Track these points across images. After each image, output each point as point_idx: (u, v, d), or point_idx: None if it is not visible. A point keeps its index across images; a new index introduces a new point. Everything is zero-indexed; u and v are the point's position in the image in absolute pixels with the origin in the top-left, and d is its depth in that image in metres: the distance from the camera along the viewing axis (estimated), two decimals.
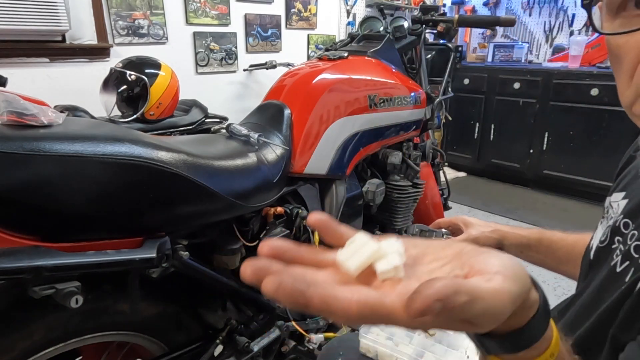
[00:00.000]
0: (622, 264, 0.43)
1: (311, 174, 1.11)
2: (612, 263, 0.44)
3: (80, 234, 0.69)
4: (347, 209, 1.22)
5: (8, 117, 0.61)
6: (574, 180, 3.17)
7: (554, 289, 2.02)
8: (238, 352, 0.98)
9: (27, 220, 0.63)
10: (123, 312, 0.80)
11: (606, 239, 0.48)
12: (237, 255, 0.96)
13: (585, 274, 0.52)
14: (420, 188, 1.48)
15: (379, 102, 1.25)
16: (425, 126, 1.56)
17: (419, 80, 1.59)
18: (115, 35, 2.24)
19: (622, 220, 0.47)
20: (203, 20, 2.59)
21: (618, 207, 0.50)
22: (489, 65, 3.72)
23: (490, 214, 2.99)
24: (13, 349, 0.70)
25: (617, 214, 0.49)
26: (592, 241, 0.53)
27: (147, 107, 1.88)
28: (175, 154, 0.76)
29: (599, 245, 0.50)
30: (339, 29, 3.45)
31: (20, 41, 1.93)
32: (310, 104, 1.11)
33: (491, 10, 3.98)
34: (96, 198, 0.66)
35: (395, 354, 0.70)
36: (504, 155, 3.55)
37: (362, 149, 1.25)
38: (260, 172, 0.96)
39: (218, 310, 1.04)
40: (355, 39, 1.55)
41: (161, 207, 0.75)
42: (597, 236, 0.52)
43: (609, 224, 0.49)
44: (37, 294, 0.62)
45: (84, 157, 0.64)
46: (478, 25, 1.69)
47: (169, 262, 0.76)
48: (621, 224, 0.46)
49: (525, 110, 3.32)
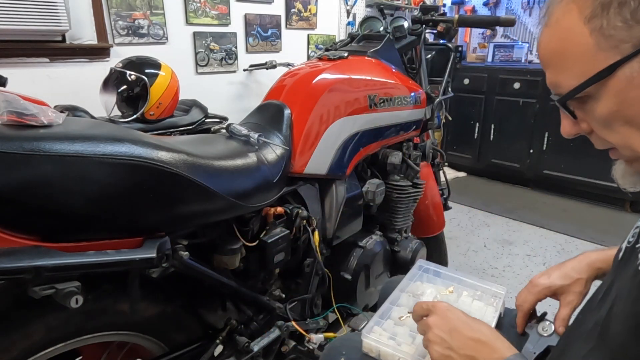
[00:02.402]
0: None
1: (311, 174, 1.11)
2: (637, 262, 0.45)
3: (80, 234, 0.69)
4: (347, 209, 1.22)
5: (8, 117, 0.61)
6: (574, 180, 3.17)
7: None
8: (238, 352, 0.98)
9: (27, 220, 0.63)
10: (123, 312, 0.80)
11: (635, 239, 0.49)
12: (237, 255, 0.96)
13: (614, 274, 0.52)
14: (420, 188, 1.48)
15: (379, 102, 1.25)
16: (425, 126, 1.56)
17: (419, 80, 1.59)
18: (115, 35, 2.24)
19: None
20: (203, 20, 2.59)
21: None
22: (489, 65, 3.72)
23: (490, 213, 2.99)
24: (13, 349, 0.69)
25: None
26: (624, 243, 0.53)
27: (147, 107, 1.88)
28: (175, 154, 0.76)
29: (627, 245, 0.51)
30: (339, 29, 3.45)
31: (20, 41, 1.93)
32: (310, 104, 1.11)
33: (491, 10, 3.98)
34: (96, 198, 0.66)
35: (398, 353, 0.70)
36: (504, 155, 3.54)
37: (362, 149, 1.25)
38: (260, 172, 0.96)
39: (218, 310, 1.04)
40: (355, 39, 1.55)
41: (161, 207, 0.75)
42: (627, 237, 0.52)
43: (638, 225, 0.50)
44: (37, 294, 0.62)
45: (84, 157, 0.64)
46: (478, 25, 1.69)
47: (169, 262, 0.76)
48: None
49: (525, 110, 3.32)
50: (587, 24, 0.43)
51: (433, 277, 0.92)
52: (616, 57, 0.42)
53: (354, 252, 1.32)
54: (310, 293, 1.19)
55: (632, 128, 0.45)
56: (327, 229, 1.20)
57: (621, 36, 0.41)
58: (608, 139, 0.48)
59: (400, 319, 0.78)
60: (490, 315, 0.79)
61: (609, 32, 0.42)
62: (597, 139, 0.50)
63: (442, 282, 0.90)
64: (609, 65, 0.43)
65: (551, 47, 0.48)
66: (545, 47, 0.49)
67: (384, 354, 0.72)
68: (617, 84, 0.43)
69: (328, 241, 1.22)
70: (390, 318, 0.79)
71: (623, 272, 0.48)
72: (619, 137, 0.46)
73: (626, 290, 0.44)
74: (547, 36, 0.48)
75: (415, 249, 1.52)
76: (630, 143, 0.46)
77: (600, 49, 0.43)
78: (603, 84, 0.44)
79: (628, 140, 0.46)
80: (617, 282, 0.49)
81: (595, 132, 0.49)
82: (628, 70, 0.42)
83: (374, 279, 1.38)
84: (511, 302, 0.80)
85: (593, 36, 0.43)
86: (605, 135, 0.48)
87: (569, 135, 0.53)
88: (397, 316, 0.79)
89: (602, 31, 0.42)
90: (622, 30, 0.41)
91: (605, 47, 0.42)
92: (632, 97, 0.43)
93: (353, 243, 1.33)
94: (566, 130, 0.53)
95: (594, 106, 0.46)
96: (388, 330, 0.75)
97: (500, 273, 2.21)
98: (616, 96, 0.44)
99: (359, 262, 1.30)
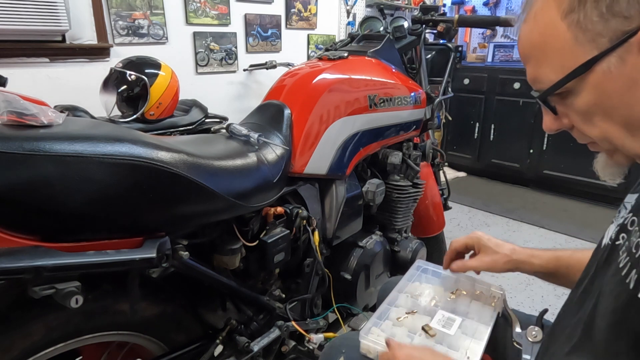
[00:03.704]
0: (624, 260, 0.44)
1: (311, 174, 1.11)
2: (618, 260, 0.45)
3: (81, 234, 0.69)
4: (347, 209, 1.22)
5: (8, 117, 0.61)
6: (574, 180, 3.17)
7: (554, 289, 2.02)
8: (238, 352, 0.98)
9: (27, 220, 0.63)
10: (123, 312, 0.80)
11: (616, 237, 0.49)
12: (237, 255, 0.96)
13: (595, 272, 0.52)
14: (420, 188, 1.48)
15: (379, 102, 1.25)
16: (425, 126, 1.56)
17: (419, 80, 1.59)
18: (115, 35, 2.24)
19: (630, 217, 0.48)
20: (203, 20, 2.59)
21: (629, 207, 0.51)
22: (489, 65, 3.72)
23: (490, 213, 2.98)
24: (13, 349, 0.70)
25: (627, 212, 0.50)
26: (604, 240, 0.54)
27: (147, 107, 1.88)
28: (175, 154, 0.76)
29: (608, 242, 0.51)
30: (339, 29, 3.45)
31: (20, 41, 1.93)
32: (310, 104, 1.11)
33: (491, 10, 3.97)
34: (96, 198, 0.66)
35: None
36: (504, 155, 3.55)
37: (362, 149, 1.25)
38: (260, 172, 0.96)
39: (218, 310, 1.04)
40: (355, 39, 1.55)
41: (161, 207, 0.75)
42: (608, 234, 0.53)
43: (619, 222, 0.50)
44: (37, 294, 0.62)
45: (83, 157, 0.64)
46: (478, 25, 1.69)
47: (169, 262, 0.76)
48: (629, 222, 0.48)
49: (525, 110, 3.32)
50: (565, 18, 0.43)
51: (432, 277, 0.91)
52: (593, 51, 0.43)
53: (354, 252, 1.32)
54: (310, 293, 1.19)
55: (610, 121, 0.45)
56: (327, 229, 1.20)
57: (598, 30, 0.42)
58: (588, 133, 0.48)
59: (398, 320, 0.78)
60: (488, 316, 0.79)
61: (586, 26, 0.42)
62: (578, 134, 0.51)
63: (440, 282, 0.90)
64: (587, 60, 0.43)
65: (530, 42, 0.48)
66: (524, 42, 0.49)
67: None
68: (596, 78, 0.43)
69: (328, 241, 1.22)
70: (388, 319, 0.79)
71: (606, 270, 0.48)
72: (598, 131, 0.47)
73: (608, 287, 0.45)
74: (526, 31, 0.48)
75: (415, 249, 1.52)
76: (609, 136, 0.46)
77: (578, 43, 0.43)
78: (582, 79, 0.44)
79: (607, 133, 0.46)
80: (599, 280, 0.49)
81: (576, 127, 0.50)
82: (605, 64, 0.42)
83: (374, 279, 1.38)
84: (510, 300, 0.81)
85: (570, 30, 0.43)
86: (585, 129, 0.48)
87: (550, 131, 0.53)
88: (395, 317, 0.79)
89: (579, 25, 0.43)
90: (598, 24, 0.41)
91: (583, 41, 0.43)
92: (610, 91, 0.43)
93: (353, 243, 1.33)
94: (547, 125, 0.53)
95: (573, 101, 0.47)
96: (386, 331, 0.75)
97: (500, 273, 2.21)
98: (595, 90, 0.44)
99: (359, 262, 1.31)
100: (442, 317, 0.78)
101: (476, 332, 0.74)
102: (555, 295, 2.00)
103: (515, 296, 1.99)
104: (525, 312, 0.82)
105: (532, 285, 2.07)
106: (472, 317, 0.79)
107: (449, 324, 0.77)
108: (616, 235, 0.49)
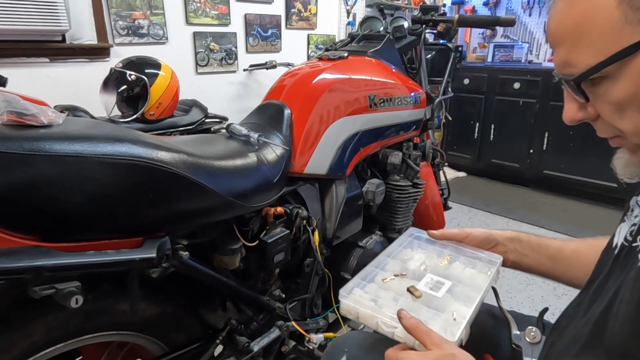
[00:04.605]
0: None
1: (311, 174, 1.11)
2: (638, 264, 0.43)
3: (80, 234, 0.69)
4: (347, 209, 1.22)
5: (8, 117, 0.61)
6: (574, 180, 3.17)
7: (554, 289, 2.02)
8: (238, 352, 0.98)
9: (27, 220, 0.63)
10: (123, 312, 0.80)
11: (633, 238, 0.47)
12: (237, 255, 0.96)
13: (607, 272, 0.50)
14: (420, 188, 1.48)
15: (379, 102, 1.25)
16: (425, 126, 1.56)
17: (419, 80, 1.59)
18: (115, 35, 2.24)
19: None
20: (203, 20, 2.59)
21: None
22: (489, 65, 3.72)
23: (490, 213, 2.99)
24: (13, 349, 0.69)
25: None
26: (615, 239, 0.51)
27: (147, 107, 1.88)
28: (175, 154, 0.76)
29: (624, 243, 0.48)
30: (339, 29, 3.45)
31: (20, 41, 1.93)
32: (310, 104, 1.11)
33: (491, 10, 3.97)
34: (96, 198, 0.66)
35: (378, 315, 0.63)
36: (504, 155, 3.55)
37: (362, 149, 1.25)
38: (260, 172, 0.96)
39: (218, 310, 1.04)
40: (355, 39, 1.55)
41: (161, 207, 0.75)
42: (622, 234, 0.50)
43: (634, 222, 0.48)
44: (37, 294, 0.62)
45: (83, 157, 0.64)
46: (478, 25, 1.69)
47: (169, 262, 0.76)
48: None
49: (525, 110, 3.32)
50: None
51: (425, 244, 0.84)
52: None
53: (354, 252, 1.32)
54: (310, 293, 1.19)
55: None
56: (327, 229, 1.20)
57: None
58: (618, 125, 0.44)
59: (384, 282, 0.72)
60: (481, 282, 0.72)
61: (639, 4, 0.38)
62: (604, 125, 0.47)
63: (434, 249, 0.82)
64: (636, 41, 0.38)
65: (568, 22, 0.43)
66: (559, 21, 0.44)
67: (363, 316, 0.65)
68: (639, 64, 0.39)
69: (328, 241, 1.22)
70: (374, 282, 0.73)
71: (621, 272, 0.46)
72: (630, 124, 0.43)
73: (629, 292, 0.42)
74: (563, 9, 0.44)
75: None
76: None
77: (627, 23, 0.39)
78: (624, 64, 0.40)
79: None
80: (613, 282, 0.47)
81: (603, 118, 0.46)
82: None
83: None
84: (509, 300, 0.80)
85: (620, 8, 0.39)
86: (615, 120, 0.44)
87: (572, 122, 0.49)
88: (380, 279, 0.73)
89: (631, 3, 0.38)
90: None
91: (633, 21, 0.38)
92: None
93: (353, 243, 1.33)
94: (570, 115, 0.49)
95: (608, 88, 0.42)
96: (370, 293, 0.69)
97: (500, 273, 2.21)
98: (637, 78, 0.40)
99: (359, 262, 1.30)
100: (431, 280, 0.71)
101: (466, 297, 0.68)
102: (555, 295, 2.00)
103: (515, 296, 1.99)
104: (523, 313, 0.82)
105: (532, 285, 2.07)
106: (464, 282, 0.72)
107: (437, 287, 0.70)
108: (633, 236, 0.47)
